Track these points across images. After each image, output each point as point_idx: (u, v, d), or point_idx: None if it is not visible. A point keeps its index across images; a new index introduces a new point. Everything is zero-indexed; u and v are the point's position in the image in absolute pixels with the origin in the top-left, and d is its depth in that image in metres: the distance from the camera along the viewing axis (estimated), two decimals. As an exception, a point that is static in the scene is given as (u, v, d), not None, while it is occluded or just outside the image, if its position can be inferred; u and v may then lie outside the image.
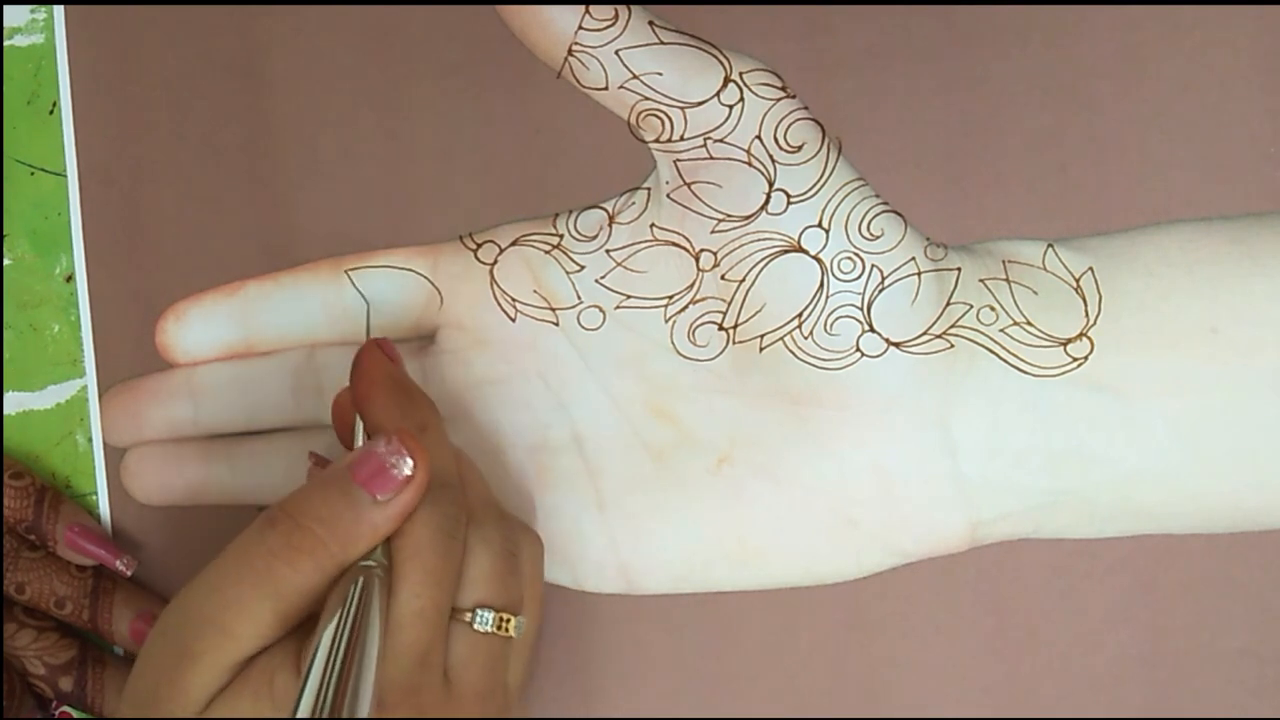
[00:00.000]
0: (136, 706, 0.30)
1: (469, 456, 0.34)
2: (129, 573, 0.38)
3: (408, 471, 0.30)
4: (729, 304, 0.36)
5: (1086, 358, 0.35)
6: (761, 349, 0.36)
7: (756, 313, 0.36)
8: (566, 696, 0.38)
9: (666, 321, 0.37)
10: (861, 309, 0.36)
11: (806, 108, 0.36)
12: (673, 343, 0.37)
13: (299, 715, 0.26)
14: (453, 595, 0.31)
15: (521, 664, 0.32)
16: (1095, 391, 0.35)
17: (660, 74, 0.35)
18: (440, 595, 0.30)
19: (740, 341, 0.36)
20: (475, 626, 0.31)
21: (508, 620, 0.31)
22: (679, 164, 0.36)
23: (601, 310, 0.37)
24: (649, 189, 0.37)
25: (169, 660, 0.29)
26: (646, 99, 0.35)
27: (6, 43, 0.40)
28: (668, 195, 0.36)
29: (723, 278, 0.36)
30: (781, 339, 0.36)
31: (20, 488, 0.38)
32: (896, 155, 0.36)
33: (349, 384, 0.33)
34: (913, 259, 0.36)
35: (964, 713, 0.37)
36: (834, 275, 0.36)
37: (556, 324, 0.37)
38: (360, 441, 0.32)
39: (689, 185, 0.36)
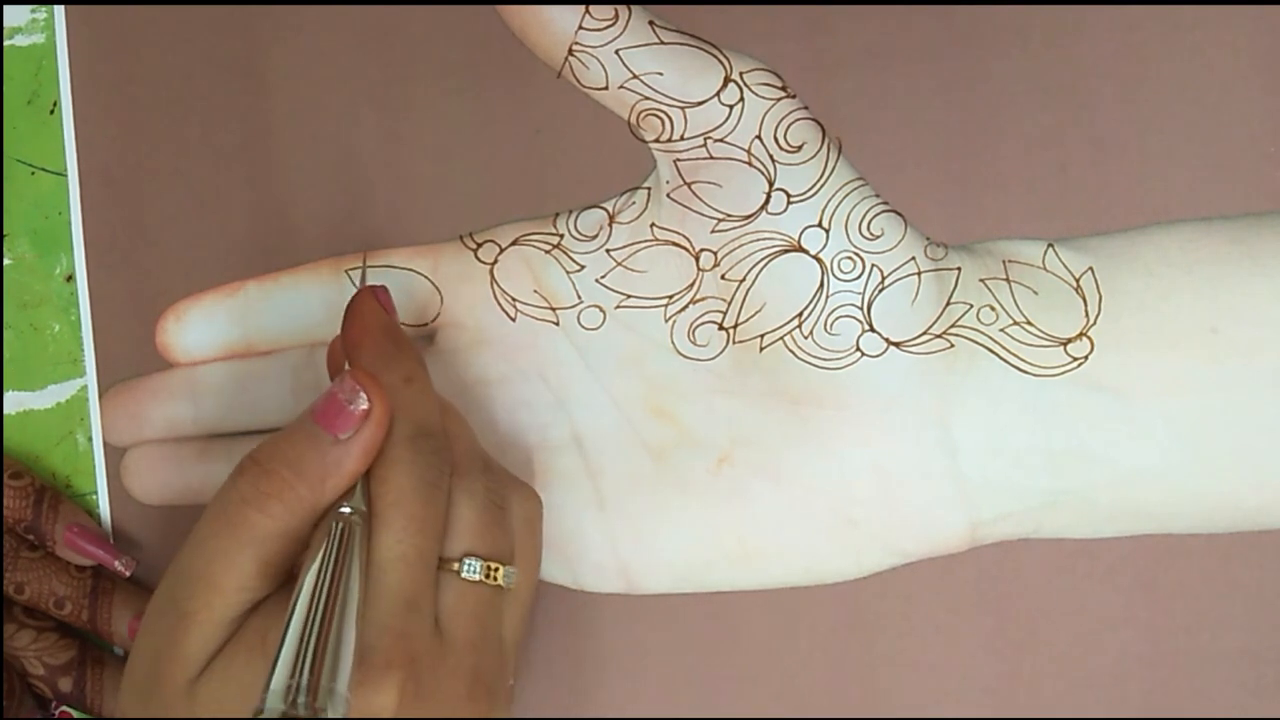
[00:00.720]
0: (139, 676, 0.30)
1: (458, 410, 0.34)
2: (128, 573, 0.38)
3: (364, 406, 0.30)
4: (729, 304, 0.36)
5: (1086, 357, 0.35)
6: (761, 349, 0.36)
7: (756, 312, 0.36)
8: (566, 696, 0.38)
9: (666, 321, 0.37)
10: (861, 309, 0.36)
11: (806, 108, 0.36)
12: (673, 342, 0.37)
13: (279, 666, 0.26)
14: (438, 544, 0.31)
15: (517, 618, 0.32)
16: (1095, 391, 0.35)
17: (660, 74, 0.35)
18: (424, 541, 0.30)
19: (740, 341, 0.36)
20: (463, 575, 0.31)
21: (496, 569, 0.31)
22: (679, 164, 0.36)
23: (602, 310, 0.37)
24: (649, 189, 0.37)
25: (166, 624, 0.30)
26: (647, 99, 0.35)
27: (7, 42, 0.40)
28: (668, 195, 0.36)
29: (723, 277, 0.36)
30: (781, 339, 0.36)
31: (19, 487, 0.38)
32: (896, 155, 0.36)
33: (341, 329, 0.33)
34: (913, 259, 0.36)
35: (964, 713, 0.37)
36: (834, 275, 0.36)
37: (557, 324, 0.37)
38: None
39: (689, 185, 0.36)
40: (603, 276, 0.37)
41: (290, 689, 0.26)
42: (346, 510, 0.30)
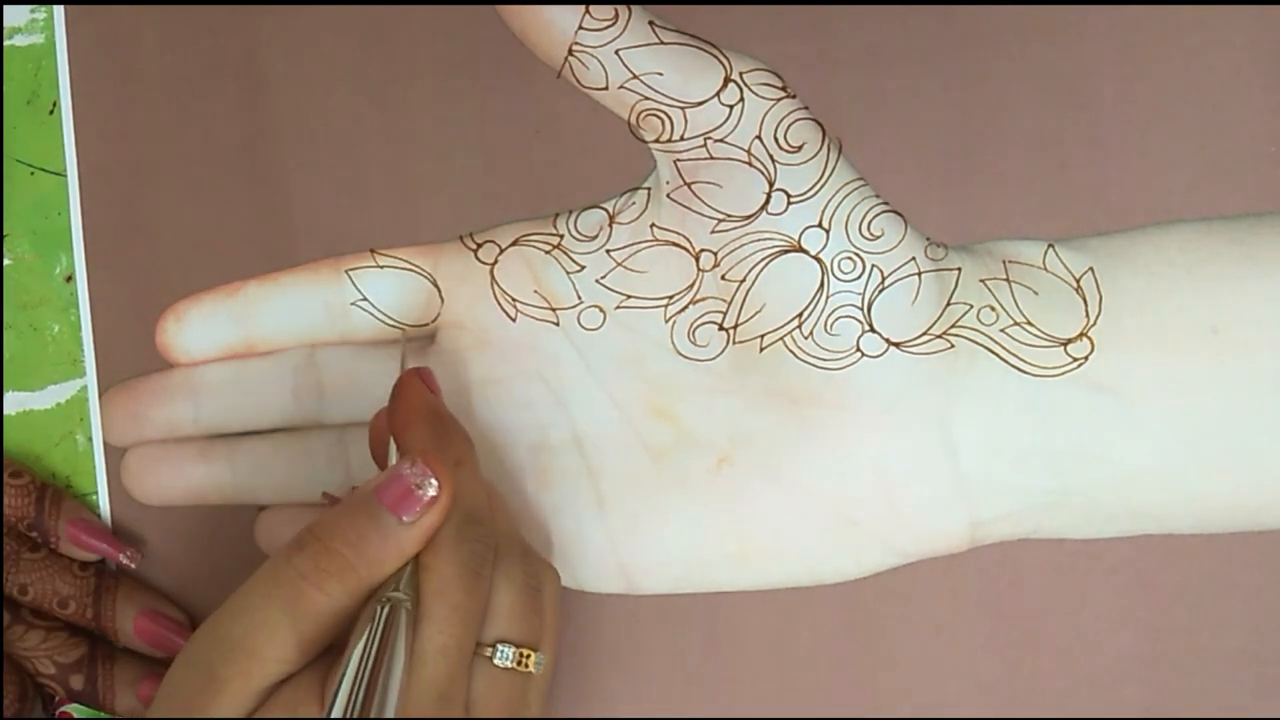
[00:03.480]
0: None
1: (499, 493, 0.34)
2: (133, 565, 0.39)
3: (432, 493, 0.30)
4: (729, 304, 0.36)
5: (1087, 358, 0.35)
6: (762, 349, 0.36)
7: (757, 313, 0.36)
8: (566, 696, 0.38)
9: (667, 321, 0.37)
10: (862, 309, 0.36)
11: (806, 108, 0.36)
12: (673, 343, 0.37)
13: None
14: (477, 632, 0.31)
15: (539, 700, 0.32)
16: (1095, 392, 0.35)
17: (660, 74, 0.35)
18: (464, 632, 0.30)
19: (740, 341, 0.36)
20: (495, 662, 0.31)
21: (527, 656, 0.31)
22: (679, 164, 0.36)
23: (602, 310, 0.37)
24: (649, 189, 0.37)
25: (195, 687, 0.30)
26: (647, 99, 0.35)
27: (6, 42, 0.40)
28: (668, 195, 0.36)
29: (723, 278, 0.36)
30: (782, 339, 0.36)
31: (20, 485, 0.38)
32: (896, 155, 0.36)
33: (388, 408, 0.33)
34: (913, 259, 0.36)
35: (964, 713, 0.37)
36: (834, 275, 0.36)
37: (557, 324, 0.37)
38: None
39: (689, 185, 0.36)
40: (603, 277, 0.37)
41: None
42: (398, 595, 0.30)
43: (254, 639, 0.29)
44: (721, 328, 0.37)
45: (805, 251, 0.36)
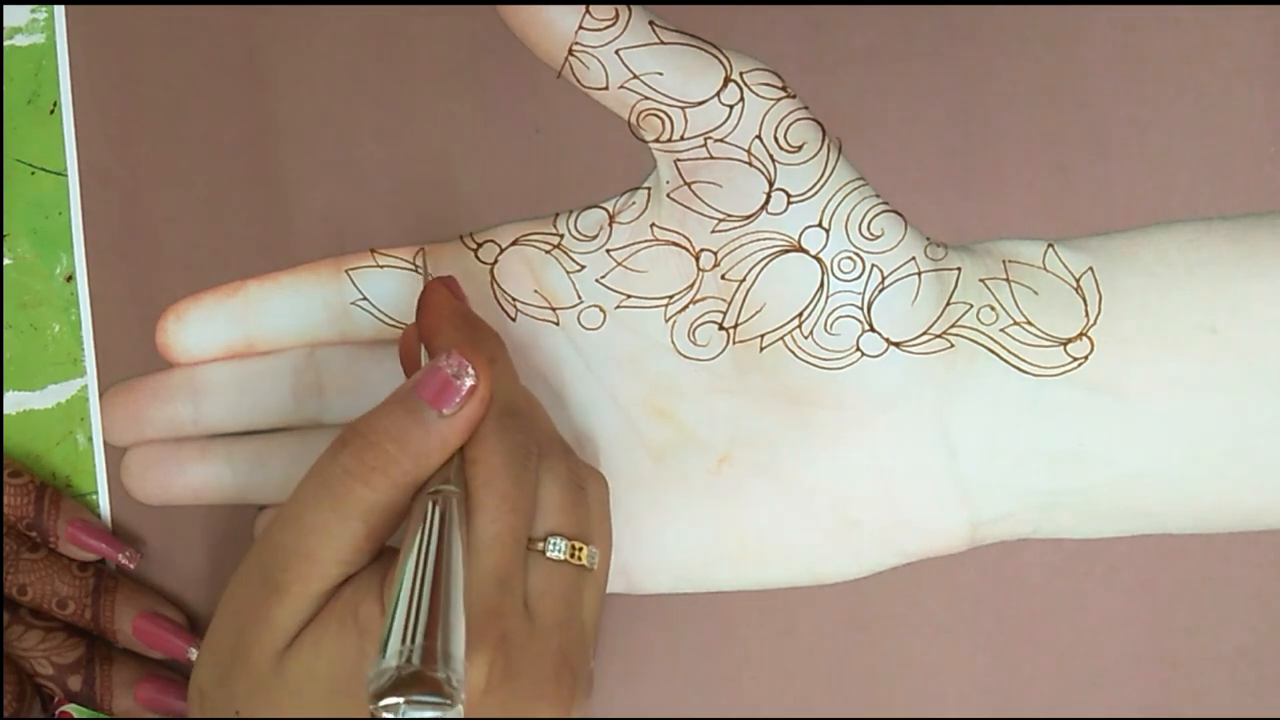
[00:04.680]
0: (221, 648, 0.30)
1: (533, 393, 0.34)
2: (133, 566, 0.39)
3: (470, 383, 0.30)
4: (729, 304, 0.36)
5: (1086, 358, 0.35)
6: (762, 349, 0.36)
7: (757, 312, 0.36)
8: (566, 696, 0.38)
9: (667, 321, 0.37)
10: (861, 309, 0.36)
11: (806, 108, 0.36)
12: (673, 342, 0.37)
13: (389, 643, 0.26)
14: (528, 522, 0.31)
15: (596, 599, 0.32)
16: (1095, 392, 0.35)
17: (660, 74, 0.35)
18: (516, 521, 0.30)
19: (740, 341, 0.36)
20: (549, 554, 0.31)
21: (580, 549, 0.31)
22: (679, 164, 0.36)
23: (602, 310, 0.37)
24: (649, 189, 0.37)
25: (255, 596, 0.30)
26: (647, 99, 0.35)
27: (7, 42, 0.40)
28: (668, 195, 0.36)
29: (723, 277, 0.36)
30: (782, 339, 0.36)
31: (20, 485, 0.38)
32: (896, 155, 0.36)
33: (416, 318, 0.34)
34: (913, 259, 0.36)
35: (964, 713, 0.37)
36: (834, 275, 0.36)
37: (557, 324, 0.37)
38: None
39: (689, 185, 0.36)
40: (603, 276, 0.37)
41: (403, 653, 0.25)
42: (449, 487, 0.30)
43: (308, 542, 0.30)
44: (721, 327, 0.37)
45: (805, 251, 0.36)
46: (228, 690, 0.30)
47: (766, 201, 0.36)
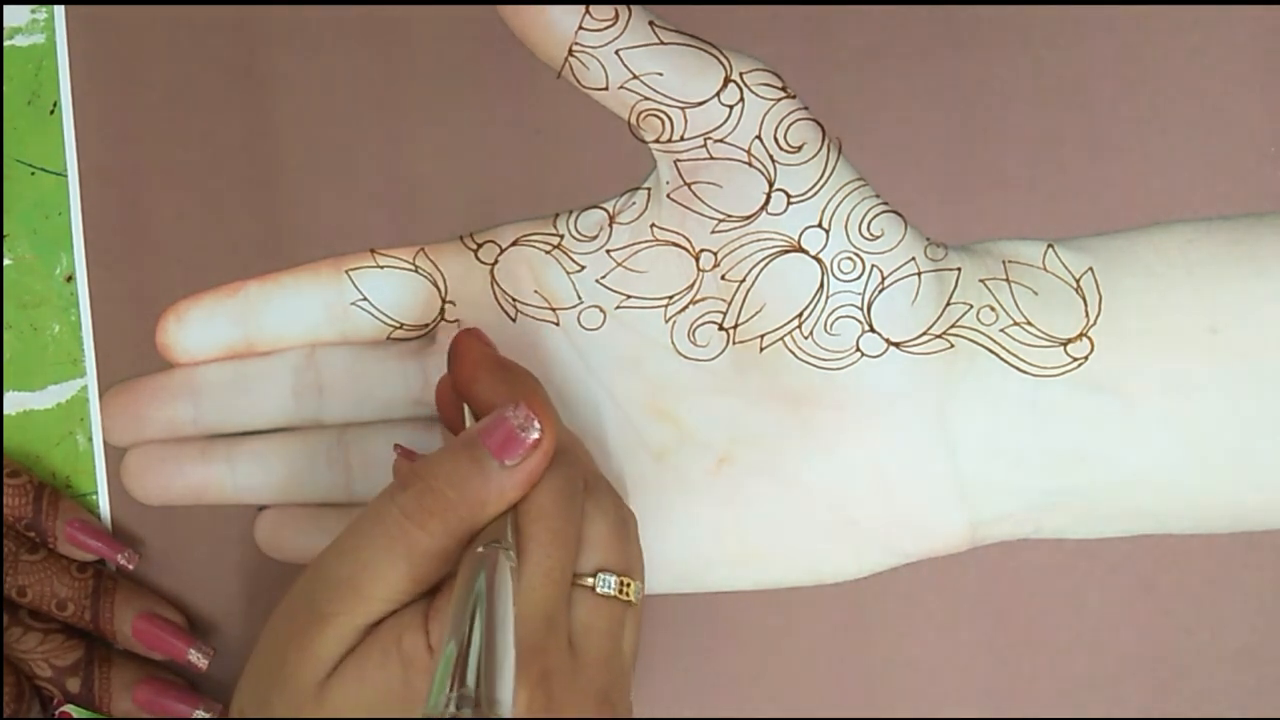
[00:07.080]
0: (262, 672, 0.30)
1: (574, 430, 0.35)
2: (131, 567, 0.38)
3: (535, 436, 0.31)
4: (729, 304, 0.36)
5: (1086, 358, 0.35)
6: (762, 349, 0.36)
7: (756, 313, 0.36)
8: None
9: (667, 321, 0.37)
10: (861, 309, 0.36)
11: (806, 108, 0.36)
12: (673, 343, 0.37)
13: (434, 689, 0.26)
14: (575, 558, 0.31)
15: (635, 634, 0.32)
16: (1095, 392, 0.35)
17: (660, 74, 0.35)
18: (565, 557, 0.30)
19: (740, 341, 0.37)
20: (598, 590, 0.31)
21: (628, 584, 0.31)
22: (679, 164, 0.36)
23: (602, 310, 0.37)
24: (649, 189, 0.37)
25: (299, 623, 0.30)
26: (647, 99, 0.35)
27: (7, 43, 0.40)
28: (668, 195, 0.36)
29: (723, 278, 0.36)
30: (782, 339, 0.36)
31: (18, 485, 0.38)
32: (896, 155, 0.36)
33: (449, 371, 0.34)
34: (913, 259, 0.36)
35: (964, 713, 0.37)
36: (834, 275, 0.36)
37: (557, 324, 0.37)
38: (470, 423, 0.33)
39: (689, 185, 0.36)
40: (603, 277, 0.37)
41: (449, 700, 0.26)
42: (499, 544, 0.30)
43: (359, 577, 0.30)
44: (721, 328, 0.37)
45: (805, 251, 0.36)
46: (268, 716, 0.30)
47: (766, 202, 0.36)
